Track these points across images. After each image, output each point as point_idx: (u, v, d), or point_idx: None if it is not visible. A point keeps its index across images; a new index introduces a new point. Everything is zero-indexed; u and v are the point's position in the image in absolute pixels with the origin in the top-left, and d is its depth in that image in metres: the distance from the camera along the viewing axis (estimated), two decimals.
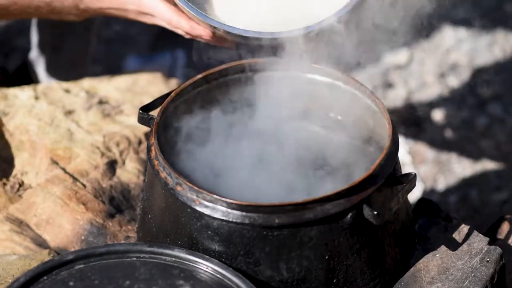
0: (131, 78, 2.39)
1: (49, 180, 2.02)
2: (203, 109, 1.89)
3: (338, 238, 1.64)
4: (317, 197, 1.61)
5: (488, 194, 2.99)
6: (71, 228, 1.94)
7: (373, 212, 1.62)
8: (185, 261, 1.65)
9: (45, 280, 1.62)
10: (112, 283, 1.61)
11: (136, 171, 2.08)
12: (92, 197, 1.99)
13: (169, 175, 1.68)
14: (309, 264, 1.65)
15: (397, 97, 3.33)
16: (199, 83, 1.88)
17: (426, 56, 3.49)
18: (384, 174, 1.68)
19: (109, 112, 2.23)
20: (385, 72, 3.43)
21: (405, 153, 3.02)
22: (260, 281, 1.65)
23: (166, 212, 1.70)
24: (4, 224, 1.95)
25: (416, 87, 3.38)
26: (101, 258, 1.66)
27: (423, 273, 1.76)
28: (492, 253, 1.77)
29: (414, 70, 3.45)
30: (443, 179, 3.03)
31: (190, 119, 1.87)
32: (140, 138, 2.16)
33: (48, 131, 2.15)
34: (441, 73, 3.44)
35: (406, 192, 1.69)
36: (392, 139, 1.72)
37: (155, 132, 1.75)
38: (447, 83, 3.41)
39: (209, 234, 1.64)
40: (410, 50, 3.50)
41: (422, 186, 2.96)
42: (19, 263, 1.83)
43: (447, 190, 3.00)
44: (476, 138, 3.19)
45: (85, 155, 2.08)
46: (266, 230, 1.62)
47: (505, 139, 3.18)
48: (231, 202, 1.61)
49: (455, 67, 3.47)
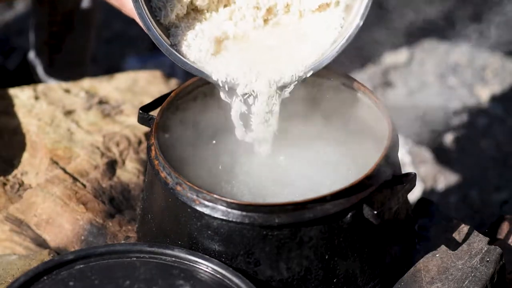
0: (131, 78, 2.39)
1: (49, 180, 2.02)
2: (203, 109, 1.89)
3: (338, 238, 1.64)
4: (317, 196, 1.61)
5: (488, 194, 2.99)
6: (71, 228, 1.94)
7: (373, 212, 1.62)
8: (185, 261, 1.65)
9: (45, 280, 1.62)
10: (112, 283, 1.61)
11: (136, 171, 2.08)
12: (92, 197, 1.99)
13: (169, 175, 1.68)
14: (309, 264, 1.65)
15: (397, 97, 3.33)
16: (199, 83, 1.88)
17: (426, 56, 3.49)
18: (384, 174, 1.68)
19: (109, 112, 2.23)
20: (385, 72, 3.43)
21: (405, 153, 3.02)
22: (260, 281, 1.65)
23: (166, 212, 1.70)
24: (4, 224, 1.95)
25: (416, 87, 3.38)
26: (101, 258, 1.66)
27: (423, 273, 1.76)
28: (492, 253, 1.77)
29: (414, 70, 3.45)
30: (443, 179, 3.03)
31: (190, 119, 1.88)
32: (140, 138, 2.16)
33: (48, 131, 2.15)
34: (441, 73, 3.44)
35: (406, 192, 1.69)
36: (392, 139, 1.72)
37: (155, 132, 1.75)
38: (447, 83, 3.41)
39: (209, 234, 1.64)
40: (410, 50, 3.50)
41: (422, 186, 2.96)
42: (19, 263, 1.83)
43: (447, 190, 3.00)
44: (476, 138, 3.19)
45: (85, 155, 2.08)
46: (266, 230, 1.62)
47: (505, 139, 3.18)
48: (231, 202, 1.61)
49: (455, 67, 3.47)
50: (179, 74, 3.27)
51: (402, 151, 3.01)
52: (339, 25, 1.77)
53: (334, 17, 1.78)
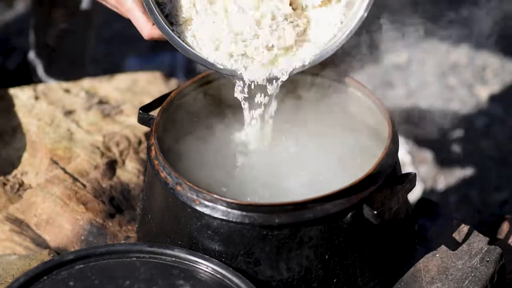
0: (131, 78, 2.39)
1: (49, 180, 2.02)
2: (203, 109, 1.89)
3: (338, 238, 1.64)
4: (317, 196, 1.61)
5: (488, 194, 2.99)
6: (71, 228, 1.94)
7: (373, 211, 1.62)
8: (185, 261, 1.65)
9: (45, 280, 1.62)
10: (112, 283, 1.61)
11: (136, 171, 2.08)
12: (92, 197, 1.99)
13: (169, 175, 1.68)
14: (309, 264, 1.65)
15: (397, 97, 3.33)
16: (199, 83, 1.88)
17: (426, 56, 3.49)
18: (384, 174, 1.68)
19: (109, 112, 2.23)
20: (385, 72, 3.43)
21: (405, 153, 3.02)
22: (260, 281, 1.65)
23: (166, 212, 1.70)
24: (4, 224, 1.95)
25: (416, 87, 3.38)
26: (101, 258, 1.66)
27: (423, 273, 1.76)
28: (492, 253, 1.77)
29: (414, 70, 3.45)
30: (443, 179, 3.03)
31: (190, 119, 1.88)
32: (140, 138, 2.16)
33: (48, 131, 2.15)
34: (441, 73, 3.44)
35: (406, 192, 1.68)
36: (392, 139, 1.72)
37: (155, 132, 1.75)
38: (447, 83, 3.41)
39: (209, 234, 1.64)
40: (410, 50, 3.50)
41: (422, 186, 2.95)
42: (19, 263, 1.83)
43: (447, 190, 3.00)
44: (476, 138, 3.19)
45: (85, 155, 2.08)
46: (266, 230, 1.62)
47: (505, 139, 3.18)
48: (231, 202, 1.61)
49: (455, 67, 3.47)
50: (179, 74, 3.27)
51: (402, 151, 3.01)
52: (339, 21, 1.77)
53: (335, 13, 1.78)
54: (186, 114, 1.87)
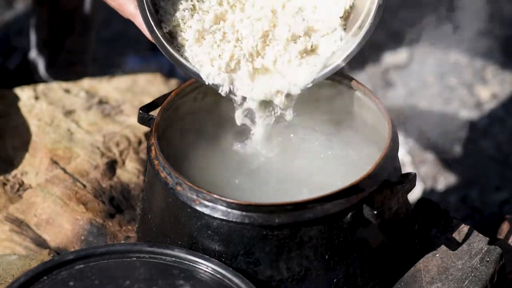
0: (131, 78, 2.39)
1: (49, 180, 2.02)
2: (203, 109, 1.89)
3: (338, 238, 1.64)
4: (317, 196, 1.61)
5: (488, 194, 2.99)
6: (71, 228, 1.94)
7: (373, 211, 1.62)
8: (185, 261, 1.65)
9: (45, 280, 1.62)
10: (112, 283, 1.61)
11: (136, 171, 2.08)
12: (92, 197, 1.99)
13: (169, 175, 1.68)
14: (309, 264, 1.65)
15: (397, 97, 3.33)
16: (199, 83, 1.88)
17: (426, 56, 3.49)
18: (384, 174, 1.68)
19: (109, 112, 2.23)
20: (385, 72, 3.43)
21: (405, 153, 3.02)
22: (260, 281, 1.65)
23: (166, 212, 1.70)
24: (4, 224, 1.95)
25: (416, 87, 3.38)
26: (101, 258, 1.66)
27: (423, 273, 1.76)
28: (492, 253, 1.77)
29: (414, 70, 3.45)
30: (443, 179, 3.02)
31: (190, 119, 1.87)
32: (140, 138, 2.16)
33: (48, 131, 2.15)
34: (441, 73, 3.44)
35: (406, 192, 1.68)
36: (392, 139, 1.72)
37: (155, 132, 1.75)
38: (447, 83, 3.41)
39: (209, 233, 1.64)
40: (410, 50, 3.50)
41: (422, 186, 2.95)
42: (19, 263, 1.83)
43: (447, 190, 3.00)
44: (476, 138, 3.18)
45: (85, 155, 2.08)
46: (266, 230, 1.62)
47: (505, 139, 3.18)
48: (231, 202, 1.61)
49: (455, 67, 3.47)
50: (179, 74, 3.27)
51: (402, 151, 3.01)
52: (339, 38, 1.79)
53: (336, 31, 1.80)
54: (186, 114, 1.87)
